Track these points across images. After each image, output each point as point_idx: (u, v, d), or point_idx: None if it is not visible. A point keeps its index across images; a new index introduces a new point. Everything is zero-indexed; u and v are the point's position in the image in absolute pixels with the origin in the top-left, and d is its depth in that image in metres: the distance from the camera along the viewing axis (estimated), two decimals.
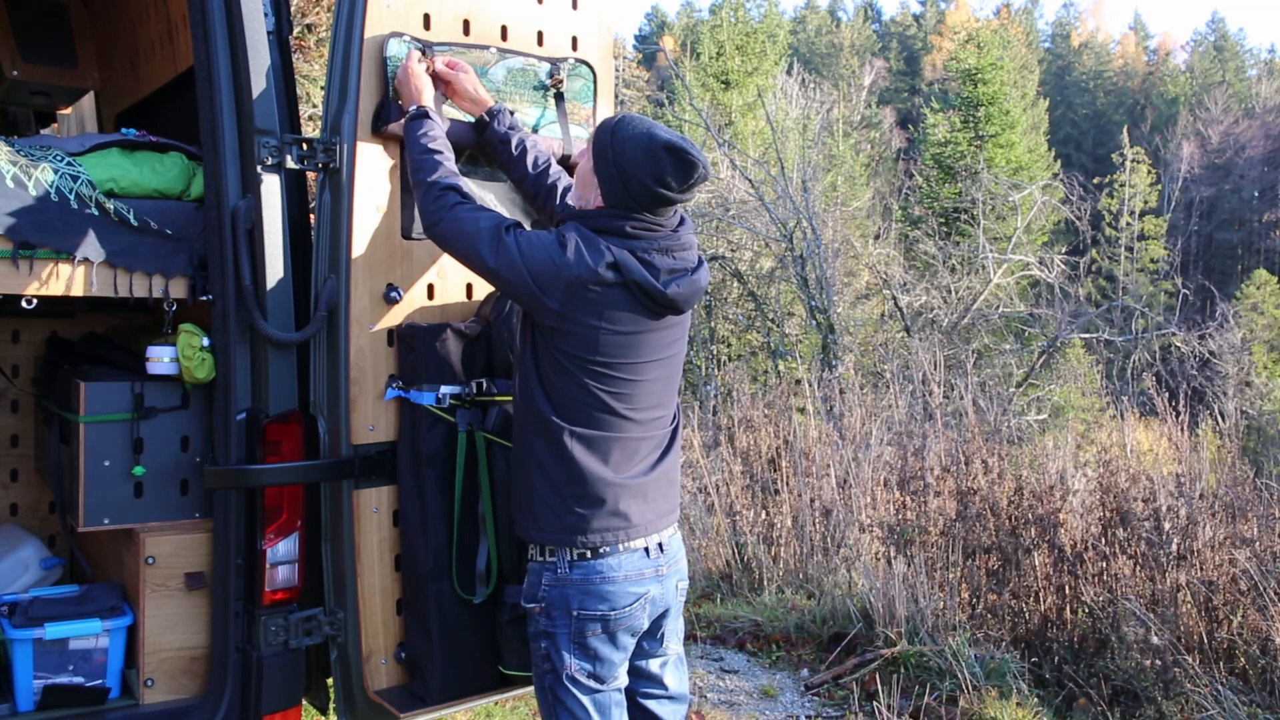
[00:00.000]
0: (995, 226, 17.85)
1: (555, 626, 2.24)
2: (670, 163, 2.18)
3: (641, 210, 2.22)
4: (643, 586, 2.27)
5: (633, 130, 2.22)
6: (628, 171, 2.19)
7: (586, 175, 2.29)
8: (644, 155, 2.18)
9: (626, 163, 2.19)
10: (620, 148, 2.21)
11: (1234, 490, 4.94)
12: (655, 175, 2.18)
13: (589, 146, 2.29)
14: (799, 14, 67.66)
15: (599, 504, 2.21)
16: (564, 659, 2.25)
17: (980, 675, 4.22)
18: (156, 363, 2.55)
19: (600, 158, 2.24)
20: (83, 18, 3.82)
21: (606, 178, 2.23)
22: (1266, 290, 33.16)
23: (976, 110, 24.20)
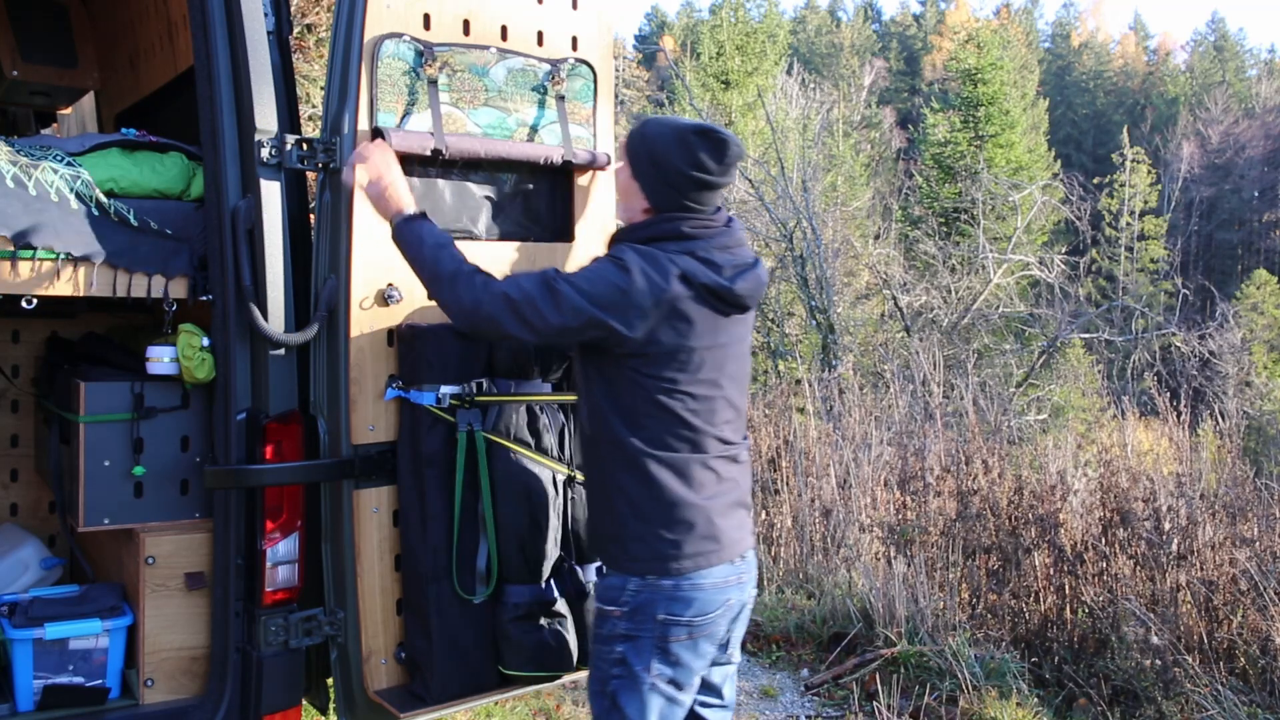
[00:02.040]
0: (995, 226, 17.85)
1: (639, 630, 2.18)
2: (703, 145, 2.19)
3: (688, 202, 2.21)
4: (727, 594, 2.24)
5: (660, 127, 2.27)
6: (665, 165, 2.20)
7: (627, 184, 2.29)
8: (677, 145, 2.20)
9: (661, 157, 2.21)
10: (652, 145, 2.23)
11: (1234, 490, 4.95)
12: (692, 161, 2.19)
13: (623, 156, 2.30)
14: (799, 14, 67.66)
15: (691, 528, 2.17)
16: (646, 663, 2.18)
17: (980, 675, 4.22)
18: (156, 363, 2.55)
19: (636, 160, 2.25)
20: (83, 18, 3.82)
21: (646, 178, 2.24)
22: (1266, 290, 33.16)
23: (976, 110, 24.20)
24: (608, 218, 2.92)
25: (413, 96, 2.51)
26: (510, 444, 2.50)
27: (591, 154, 2.81)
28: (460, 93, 2.59)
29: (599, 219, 2.90)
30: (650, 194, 2.24)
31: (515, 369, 2.54)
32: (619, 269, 2.12)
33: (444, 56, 2.55)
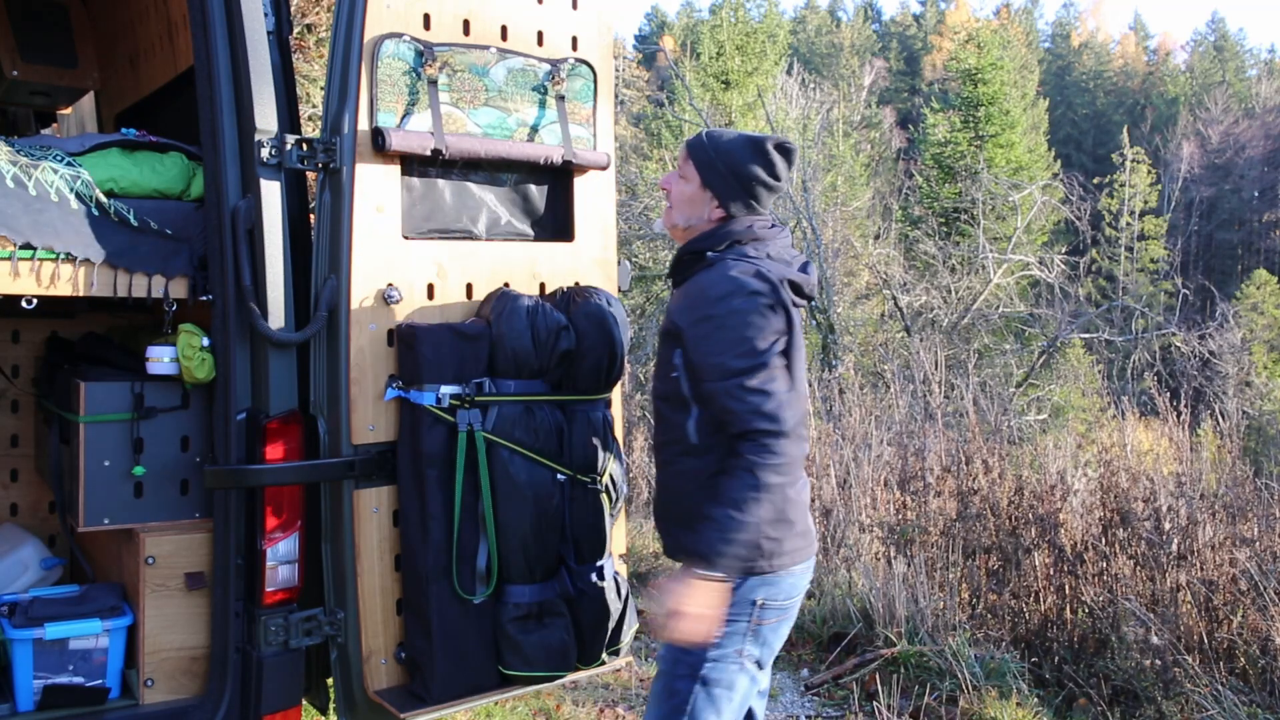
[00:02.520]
0: (995, 226, 17.85)
1: (737, 615, 2.26)
2: (778, 156, 2.34)
3: (758, 206, 2.35)
4: (806, 579, 2.38)
5: (728, 137, 2.37)
6: (743, 173, 2.32)
7: (694, 193, 2.36)
8: (754, 154, 2.33)
9: (738, 165, 2.32)
10: (727, 154, 2.33)
11: (1234, 490, 4.94)
12: (769, 169, 2.33)
13: (687, 168, 2.36)
14: (799, 14, 67.67)
15: (790, 527, 2.27)
16: (740, 645, 2.28)
17: (980, 675, 4.22)
18: (156, 363, 2.55)
19: (708, 168, 2.34)
20: (83, 18, 3.82)
21: (721, 184, 2.33)
22: (1266, 290, 33.17)
23: (976, 110, 24.20)
24: (608, 217, 2.92)
25: (413, 96, 2.51)
26: (510, 444, 2.50)
27: (591, 154, 2.82)
28: (460, 93, 2.59)
29: (599, 219, 2.90)
30: (724, 199, 2.34)
31: (515, 369, 2.54)
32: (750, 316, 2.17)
33: (444, 56, 2.55)
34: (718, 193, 2.34)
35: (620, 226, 11.80)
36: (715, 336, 2.19)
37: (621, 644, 2.74)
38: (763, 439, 2.13)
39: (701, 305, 2.22)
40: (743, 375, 2.15)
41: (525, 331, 2.52)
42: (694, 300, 2.25)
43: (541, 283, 2.79)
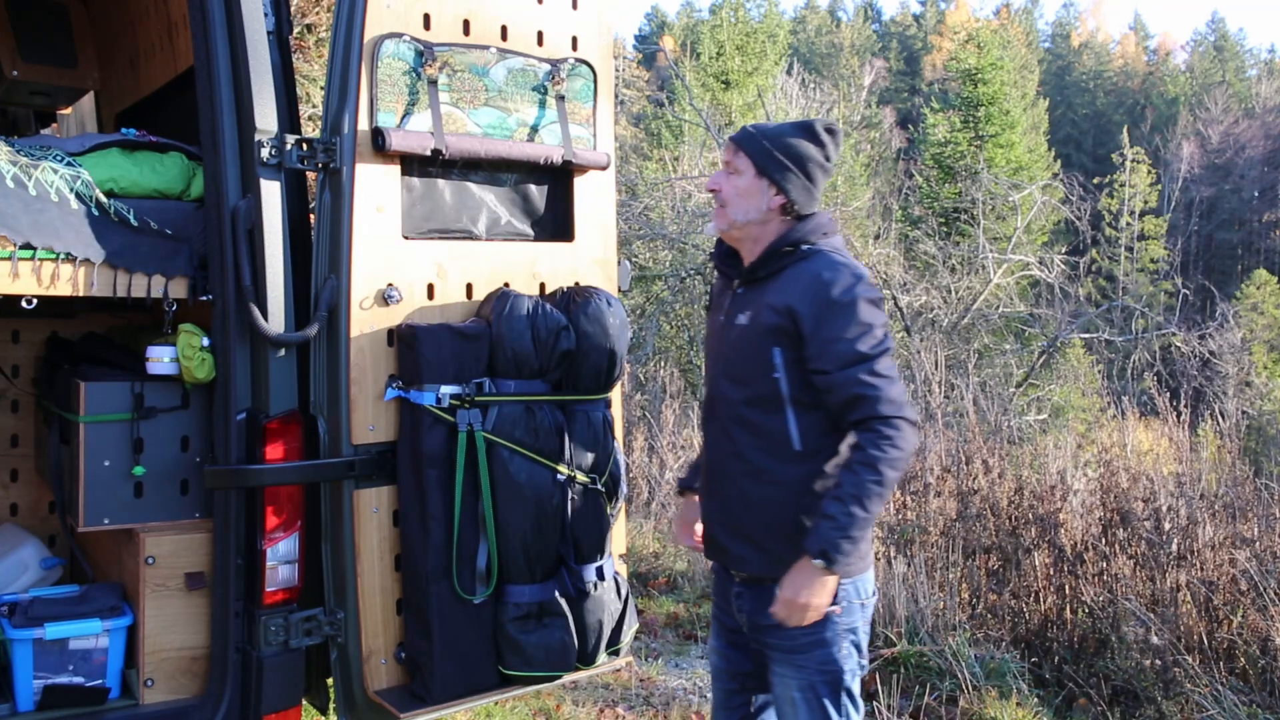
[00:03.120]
0: (995, 226, 17.84)
1: (854, 621, 2.28)
2: (830, 139, 2.34)
3: (818, 194, 2.34)
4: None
5: (778, 127, 2.35)
6: (798, 154, 2.30)
7: (749, 185, 2.32)
8: (806, 136, 2.32)
9: (792, 148, 2.30)
10: (778, 138, 2.32)
11: (1234, 490, 4.95)
12: (822, 150, 2.33)
13: (739, 160, 2.32)
14: (799, 14, 67.67)
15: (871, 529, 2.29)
16: (862, 648, 2.31)
17: (980, 675, 4.22)
18: (156, 363, 2.55)
19: (765, 158, 2.30)
20: (83, 18, 3.82)
21: (777, 170, 2.29)
22: (1266, 290, 33.17)
23: (976, 110, 24.20)
24: (608, 217, 2.92)
25: (413, 96, 2.51)
26: (510, 444, 2.50)
27: (591, 154, 2.82)
28: (460, 93, 2.59)
29: (599, 219, 2.90)
30: (783, 185, 2.30)
31: (515, 369, 2.54)
32: (869, 304, 2.19)
33: (444, 56, 2.55)
34: (775, 179, 2.29)
35: (620, 226, 11.80)
36: (842, 323, 2.17)
37: (621, 644, 2.74)
38: (893, 422, 2.13)
39: (823, 294, 2.19)
40: (872, 360, 2.14)
41: (525, 331, 2.52)
42: (812, 290, 2.21)
43: (541, 283, 2.79)
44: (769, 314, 2.25)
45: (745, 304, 2.33)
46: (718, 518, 2.38)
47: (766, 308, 2.26)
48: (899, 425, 2.14)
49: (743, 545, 2.32)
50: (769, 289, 2.29)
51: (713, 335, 2.46)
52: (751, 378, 2.27)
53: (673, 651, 4.99)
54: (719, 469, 2.37)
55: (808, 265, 2.26)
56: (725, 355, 2.36)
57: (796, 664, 2.28)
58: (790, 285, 2.25)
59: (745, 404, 2.28)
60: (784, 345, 2.23)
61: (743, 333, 2.31)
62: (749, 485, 2.29)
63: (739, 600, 2.37)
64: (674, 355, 13.58)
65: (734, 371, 2.32)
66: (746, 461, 2.28)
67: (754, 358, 2.27)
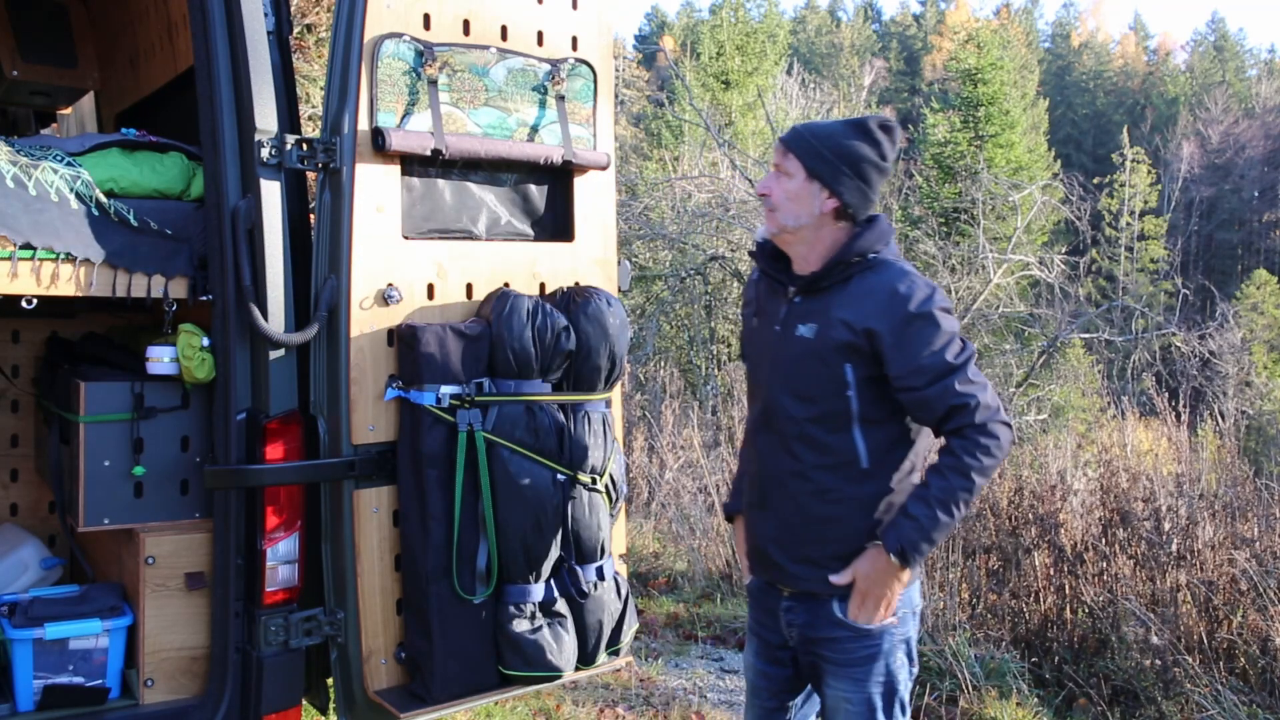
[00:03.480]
0: (995, 226, 17.83)
1: (907, 630, 2.27)
2: (885, 137, 2.22)
3: (874, 195, 2.23)
4: None
5: (829, 126, 2.24)
6: (851, 154, 2.19)
7: (800, 188, 2.21)
8: (860, 135, 2.21)
9: (845, 148, 2.19)
10: (829, 139, 2.20)
11: (1234, 490, 4.95)
12: (877, 149, 2.21)
13: (789, 163, 2.23)
14: (799, 14, 67.68)
15: None
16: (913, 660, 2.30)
17: (980, 675, 4.22)
18: (156, 363, 2.55)
19: (814, 158, 2.19)
20: (83, 18, 3.82)
21: (830, 171, 2.19)
22: (1266, 290, 33.17)
23: (976, 110, 24.17)
24: (608, 217, 2.92)
25: (413, 96, 2.51)
26: (510, 444, 2.50)
27: (591, 154, 2.82)
28: (460, 93, 2.59)
29: (599, 219, 2.90)
30: (835, 188, 2.19)
31: (515, 369, 2.54)
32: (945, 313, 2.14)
33: (444, 56, 2.55)
34: (828, 182, 2.19)
35: (620, 226, 11.80)
36: (925, 337, 2.11)
37: (621, 644, 2.74)
38: (989, 429, 2.09)
39: (900, 309, 2.12)
40: (963, 369, 2.10)
41: (525, 331, 2.52)
42: (889, 306, 2.13)
43: (541, 283, 2.79)
44: (841, 330, 2.16)
45: (807, 314, 2.23)
46: (773, 535, 2.29)
47: (838, 324, 2.17)
48: (996, 431, 2.10)
49: (801, 564, 2.25)
50: (835, 301, 2.20)
51: (764, 342, 2.33)
52: (820, 395, 2.19)
53: (673, 651, 4.99)
54: (777, 485, 2.27)
55: (877, 278, 2.18)
56: (785, 368, 2.25)
57: (854, 677, 2.24)
58: (863, 300, 2.17)
59: (811, 421, 2.20)
60: (855, 362, 2.15)
61: (808, 346, 2.20)
62: (813, 504, 2.21)
63: (789, 614, 2.31)
64: (674, 355, 13.58)
65: (798, 387, 2.22)
66: (811, 480, 2.21)
67: (824, 374, 2.18)
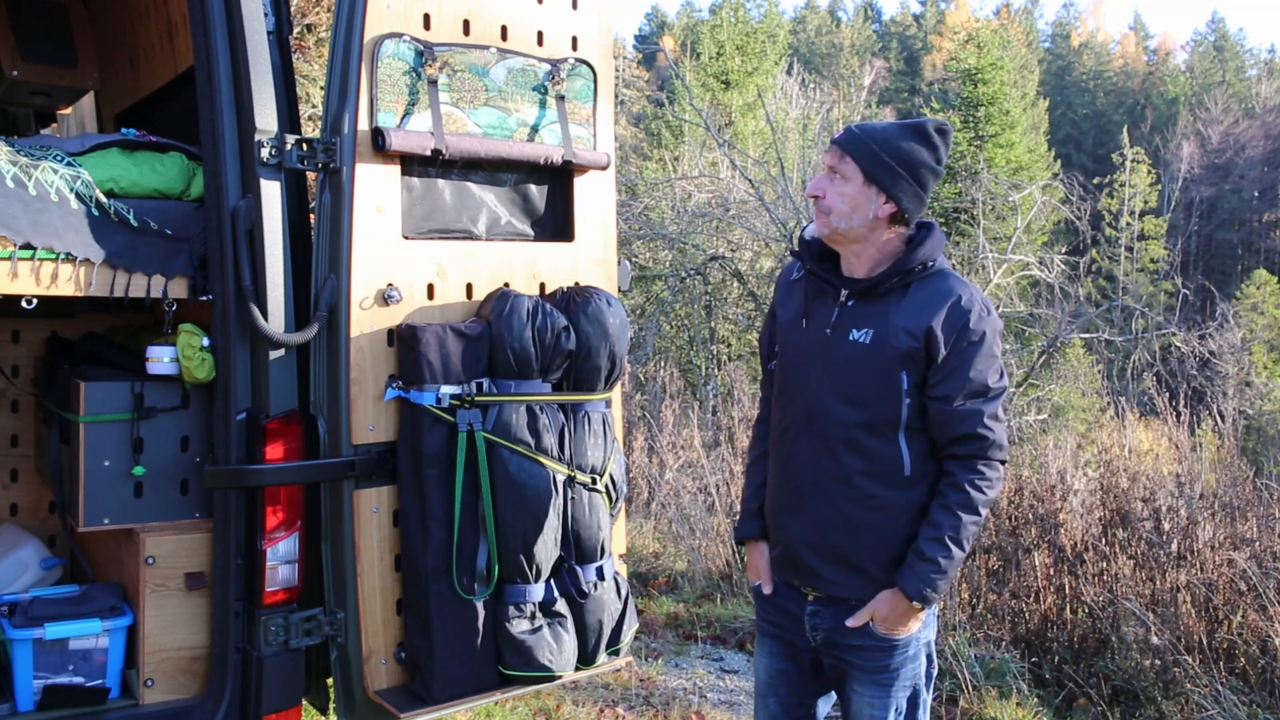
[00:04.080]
0: (995, 226, 17.82)
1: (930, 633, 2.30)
2: (941, 140, 2.21)
3: (927, 196, 2.22)
4: None
5: (886, 128, 2.21)
6: (910, 159, 2.17)
7: (857, 191, 2.18)
8: (918, 138, 2.19)
9: (903, 152, 2.17)
10: (888, 142, 2.17)
11: (1234, 490, 4.95)
12: (934, 154, 2.20)
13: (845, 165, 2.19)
14: (799, 14, 67.67)
15: None
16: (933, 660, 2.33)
17: (980, 675, 4.22)
18: (156, 363, 2.55)
19: (874, 163, 2.16)
20: (83, 18, 3.82)
21: (888, 176, 2.16)
22: (1266, 290, 33.17)
23: (976, 110, 24.19)
24: (608, 217, 2.92)
25: (413, 96, 2.51)
26: (510, 444, 2.50)
27: (591, 154, 2.82)
28: (460, 93, 2.59)
29: (599, 219, 2.90)
30: (894, 193, 2.17)
31: (515, 369, 2.54)
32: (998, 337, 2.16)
33: (444, 56, 2.55)
34: (886, 186, 2.16)
35: (620, 226, 11.79)
36: (975, 354, 2.12)
37: (621, 644, 2.74)
38: (995, 465, 2.15)
39: (962, 319, 2.13)
40: (996, 398, 2.13)
41: (525, 331, 2.52)
42: (952, 315, 2.13)
43: (541, 283, 2.79)
44: (902, 337, 2.14)
45: (861, 319, 2.21)
46: (806, 538, 2.26)
47: (900, 331, 2.15)
48: (999, 469, 2.16)
49: (836, 568, 2.24)
50: (893, 307, 2.18)
51: (810, 345, 2.29)
52: (873, 401, 2.17)
53: (673, 651, 4.98)
54: (815, 489, 2.24)
55: (939, 285, 2.18)
56: (836, 372, 2.21)
57: (880, 683, 2.26)
58: (925, 306, 2.15)
59: (860, 427, 2.18)
60: (910, 370, 2.15)
61: (863, 352, 2.18)
62: (854, 510, 2.20)
63: (815, 619, 2.31)
64: (674, 355, 13.58)
65: (850, 392, 2.19)
66: (854, 486, 2.19)
67: (879, 380, 2.16)
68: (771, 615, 2.43)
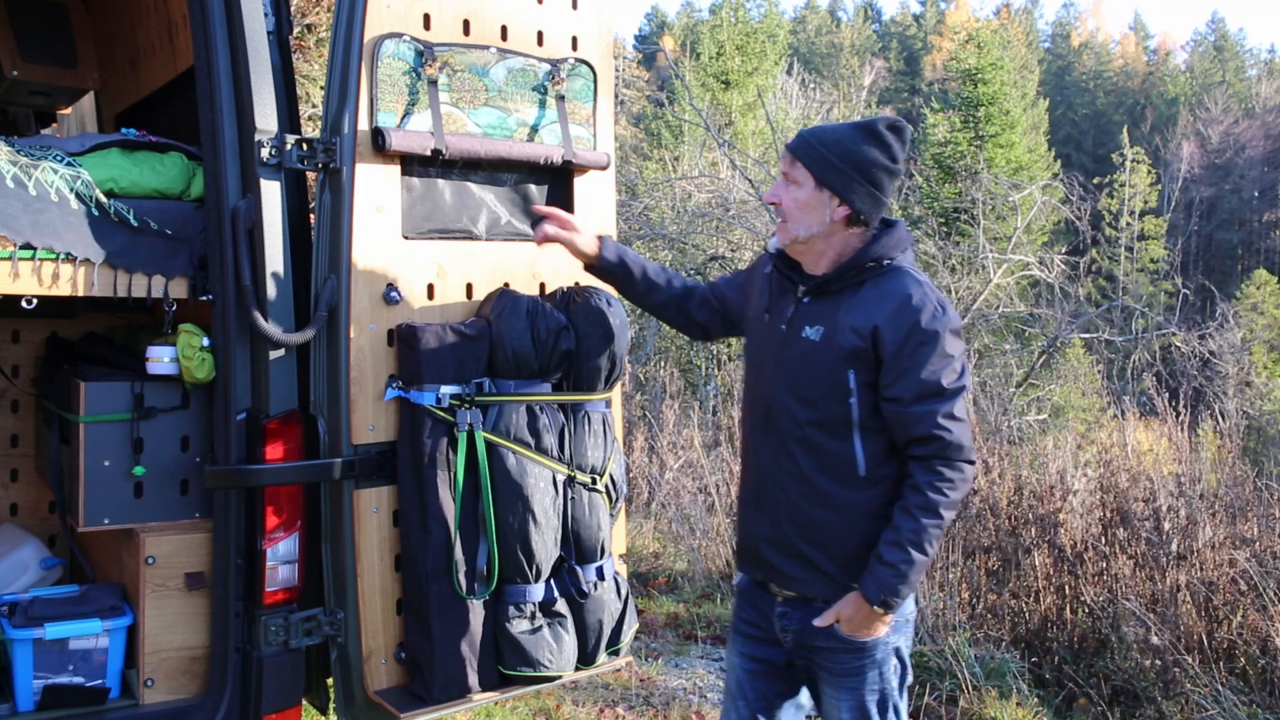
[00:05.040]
0: (995, 226, 17.83)
1: (901, 638, 2.27)
2: (893, 137, 2.18)
3: (887, 200, 2.19)
4: None
5: (836, 131, 2.20)
6: (865, 165, 2.15)
7: (810, 197, 2.18)
8: (867, 138, 2.17)
9: (855, 160, 2.15)
10: (837, 144, 2.16)
11: (1234, 490, 4.95)
12: (887, 152, 2.17)
13: (796, 171, 2.19)
14: (799, 14, 67.68)
15: None
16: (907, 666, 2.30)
17: (980, 675, 4.22)
18: (156, 363, 2.55)
19: (825, 167, 2.16)
20: (83, 18, 3.82)
21: (839, 179, 2.15)
22: (1266, 290, 33.17)
23: (976, 110, 24.18)
24: (608, 217, 2.92)
25: (413, 96, 2.51)
26: (510, 444, 2.50)
27: (591, 154, 2.82)
28: (460, 93, 2.59)
29: (599, 219, 2.90)
30: (846, 195, 2.16)
31: (515, 369, 2.54)
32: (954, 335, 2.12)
33: (444, 56, 2.55)
34: (837, 189, 2.15)
35: (620, 226, 11.80)
36: (925, 354, 2.09)
37: (621, 644, 2.74)
38: (958, 465, 2.10)
39: (910, 318, 2.10)
40: (952, 398, 2.09)
41: (525, 331, 2.52)
42: (900, 314, 2.11)
43: (541, 283, 2.79)
44: (849, 336, 2.14)
45: (814, 316, 2.21)
46: (768, 534, 2.28)
47: (847, 329, 2.15)
48: (963, 469, 2.11)
49: (796, 565, 2.24)
50: (845, 305, 2.18)
51: (766, 338, 2.32)
52: (822, 400, 2.17)
53: (673, 651, 4.99)
54: (774, 486, 2.26)
55: (890, 284, 2.17)
56: (789, 368, 2.22)
57: (848, 686, 2.26)
58: (875, 305, 2.15)
59: (812, 425, 2.18)
60: (858, 369, 2.14)
61: (813, 349, 2.19)
62: (809, 508, 2.21)
63: (784, 620, 2.32)
64: (674, 355, 13.58)
65: (801, 390, 2.20)
66: (809, 484, 2.20)
67: (827, 379, 2.16)
68: (745, 613, 2.45)
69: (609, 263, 2.53)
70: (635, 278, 2.54)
